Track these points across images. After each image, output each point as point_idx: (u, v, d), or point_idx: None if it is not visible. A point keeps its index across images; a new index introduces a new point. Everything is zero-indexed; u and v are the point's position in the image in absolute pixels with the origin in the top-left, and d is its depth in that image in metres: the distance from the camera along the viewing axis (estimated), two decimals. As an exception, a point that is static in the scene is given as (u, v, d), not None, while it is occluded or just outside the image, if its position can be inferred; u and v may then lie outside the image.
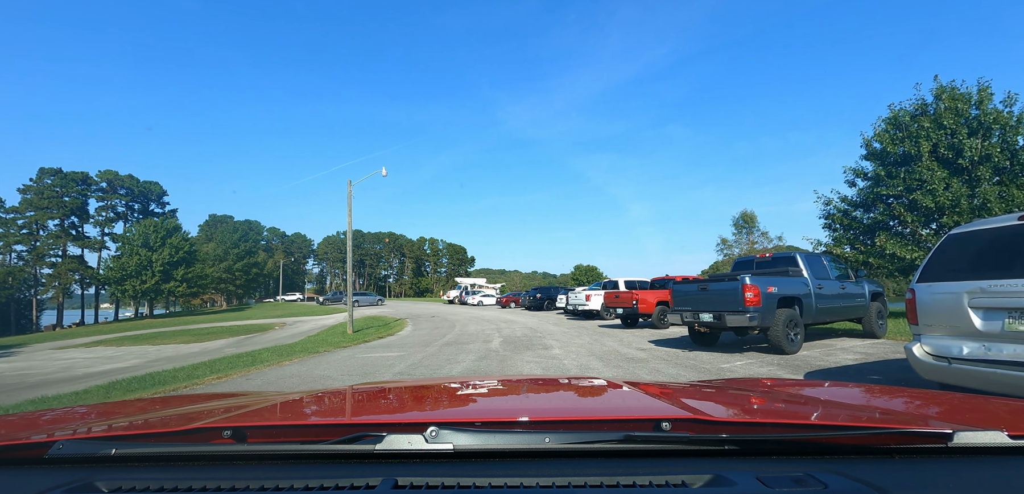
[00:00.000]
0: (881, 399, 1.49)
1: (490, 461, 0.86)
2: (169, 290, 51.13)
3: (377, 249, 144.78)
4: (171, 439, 0.96)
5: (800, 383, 1.90)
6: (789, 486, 0.74)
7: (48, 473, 0.88)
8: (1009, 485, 0.77)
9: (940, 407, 1.29)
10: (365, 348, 13.32)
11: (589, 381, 1.75)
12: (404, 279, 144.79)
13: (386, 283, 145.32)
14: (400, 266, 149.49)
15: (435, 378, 6.99)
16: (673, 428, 0.88)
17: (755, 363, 7.82)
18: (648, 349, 10.11)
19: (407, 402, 1.54)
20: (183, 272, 51.85)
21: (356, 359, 10.23)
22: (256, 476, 0.81)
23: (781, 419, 1.08)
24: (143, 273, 49.37)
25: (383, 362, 9.56)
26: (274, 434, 1.02)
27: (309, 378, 8.08)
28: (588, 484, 0.76)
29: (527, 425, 0.99)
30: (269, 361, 9.93)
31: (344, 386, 2.08)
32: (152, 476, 0.84)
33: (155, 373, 8.93)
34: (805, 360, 7.80)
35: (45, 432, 1.07)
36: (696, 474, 0.79)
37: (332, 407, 1.43)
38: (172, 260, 51.09)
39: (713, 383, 1.87)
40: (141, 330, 29.75)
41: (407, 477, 0.79)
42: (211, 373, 8.51)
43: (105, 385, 8.05)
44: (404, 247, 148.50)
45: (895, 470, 0.80)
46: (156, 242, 50.93)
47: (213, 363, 10.15)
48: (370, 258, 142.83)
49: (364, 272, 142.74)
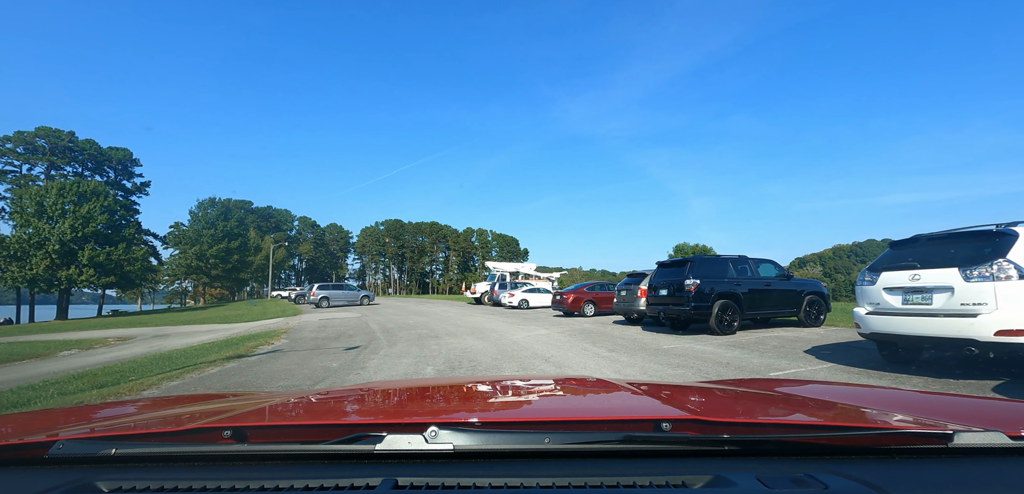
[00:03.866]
0: (881, 400, 1.47)
1: (490, 461, 0.86)
2: (69, 277, 35.11)
3: (420, 241, 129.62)
4: (171, 439, 0.96)
5: (800, 383, 1.90)
6: (789, 486, 0.74)
7: (48, 473, 0.87)
8: (1009, 485, 0.77)
9: (940, 408, 1.30)
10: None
11: (589, 381, 1.78)
12: (449, 274, 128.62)
13: (431, 279, 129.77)
14: (445, 260, 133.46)
15: (435, 378, 6.23)
16: (673, 428, 0.88)
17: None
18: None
19: (407, 402, 1.55)
20: (91, 253, 35.78)
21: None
22: (256, 476, 0.81)
23: (781, 420, 1.11)
24: (34, 253, 33.76)
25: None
26: (274, 434, 1.02)
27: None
28: (588, 484, 0.76)
29: (527, 425, 1.02)
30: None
31: (344, 386, 2.07)
32: (152, 476, 0.83)
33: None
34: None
35: (45, 432, 1.06)
36: (696, 474, 0.79)
37: (332, 407, 1.42)
38: (77, 236, 35.14)
39: (713, 383, 1.84)
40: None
41: (407, 477, 0.79)
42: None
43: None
44: (449, 238, 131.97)
45: (895, 470, 0.80)
46: (55, 210, 35.24)
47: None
48: (411, 251, 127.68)
49: (405, 266, 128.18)
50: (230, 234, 53.15)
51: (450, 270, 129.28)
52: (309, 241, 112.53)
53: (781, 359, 7.37)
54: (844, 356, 7.28)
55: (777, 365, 6.91)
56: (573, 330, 12.92)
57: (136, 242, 40.44)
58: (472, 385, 1.75)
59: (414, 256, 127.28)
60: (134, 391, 6.05)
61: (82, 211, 36.34)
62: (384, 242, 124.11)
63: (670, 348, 8.75)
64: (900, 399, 1.54)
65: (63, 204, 35.73)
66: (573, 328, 13.51)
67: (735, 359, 7.50)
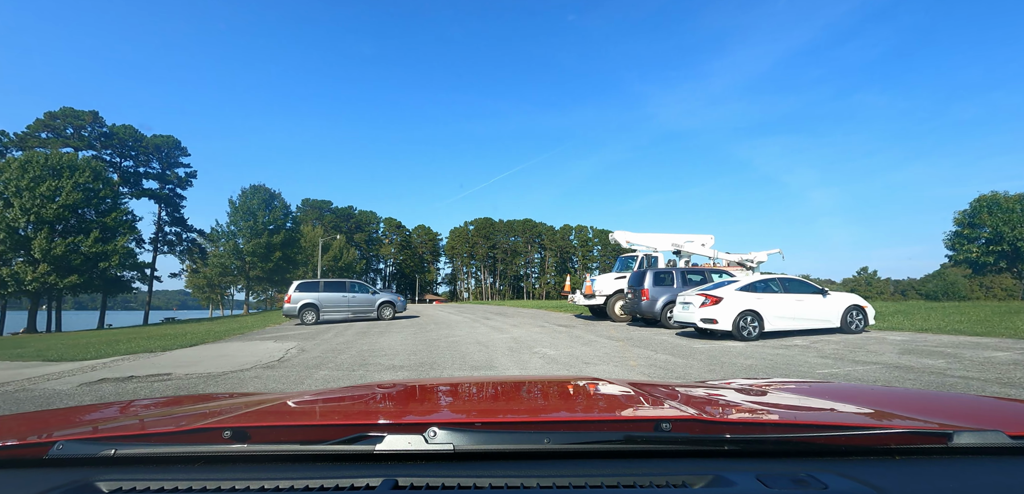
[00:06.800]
0: (881, 400, 1.46)
1: (490, 461, 0.85)
2: (16, 276, 24.93)
3: (512, 241, 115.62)
4: (171, 439, 0.96)
5: (800, 384, 1.84)
6: (789, 486, 0.74)
7: (48, 473, 0.86)
8: (1008, 485, 0.77)
9: (939, 407, 1.29)
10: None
11: (589, 381, 1.75)
12: (545, 276, 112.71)
13: (525, 282, 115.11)
14: (541, 261, 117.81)
15: (435, 378, 5.85)
16: (674, 428, 0.88)
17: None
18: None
19: (407, 402, 1.53)
20: (44, 244, 25.43)
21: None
22: (256, 476, 0.80)
23: (781, 419, 1.10)
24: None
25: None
26: (274, 434, 1.01)
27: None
28: (588, 484, 0.75)
29: (527, 425, 1.00)
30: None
31: (344, 387, 2.14)
32: (152, 476, 0.82)
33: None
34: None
35: (45, 432, 1.06)
36: (696, 475, 0.79)
37: (332, 408, 1.39)
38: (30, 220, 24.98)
39: (714, 383, 1.81)
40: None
41: (407, 477, 0.78)
42: None
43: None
44: (544, 237, 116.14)
45: (895, 470, 0.80)
46: (9, 188, 25.57)
47: None
48: (503, 253, 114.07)
49: (496, 269, 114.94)
50: (273, 227, 42.25)
51: (546, 272, 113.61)
52: (394, 243, 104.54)
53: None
54: None
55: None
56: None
57: (121, 231, 29.89)
58: (472, 385, 1.72)
59: (507, 258, 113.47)
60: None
61: (41, 189, 26.04)
62: (473, 242, 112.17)
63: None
64: (900, 399, 1.54)
65: (27, 181, 25.93)
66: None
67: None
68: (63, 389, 6.00)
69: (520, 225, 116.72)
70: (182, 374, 6.95)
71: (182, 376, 6.80)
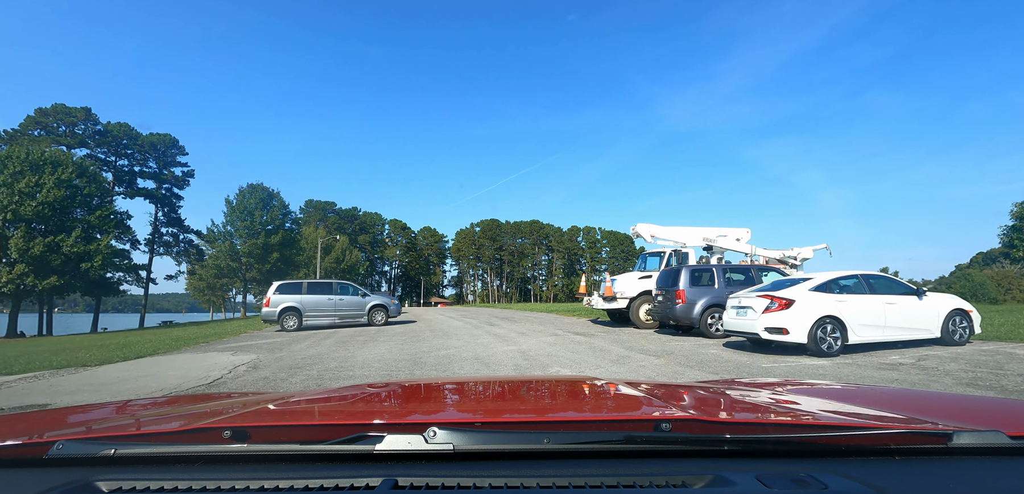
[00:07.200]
0: (881, 400, 1.45)
1: (490, 461, 0.85)
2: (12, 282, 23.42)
3: (519, 243, 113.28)
4: (171, 439, 0.96)
5: (801, 384, 1.82)
6: (789, 487, 0.74)
7: (48, 473, 0.86)
8: (1008, 485, 0.77)
9: (939, 408, 1.29)
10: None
11: (589, 381, 1.75)
12: (552, 279, 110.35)
13: (533, 284, 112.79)
14: (548, 263, 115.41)
15: (435, 378, 5.50)
16: (673, 428, 0.88)
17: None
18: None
19: (407, 402, 1.53)
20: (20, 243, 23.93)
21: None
22: (256, 476, 0.81)
23: (781, 419, 1.10)
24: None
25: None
26: (274, 434, 1.01)
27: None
28: (588, 484, 0.76)
29: (527, 425, 1.00)
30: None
31: (344, 387, 2.11)
32: (152, 476, 0.83)
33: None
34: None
35: (44, 432, 1.06)
36: (696, 475, 0.79)
37: (332, 408, 1.39)
38: (8, 218, 23.46)
39: (714, 383, 1.83)
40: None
41: (407, 477, 0.78)
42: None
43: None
44: (552, 238, 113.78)
45: (895, 470, 0.80)
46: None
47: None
48: (510, 255, 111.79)
49: (503, 271, 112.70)
50: (271, 228, 40.52)
51: (554, 274, 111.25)
52: (399, 245, 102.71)
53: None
54: None
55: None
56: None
57: (106, 229, 28.19)
58: (472, 385, 1.73)
59: (513, 260, 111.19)
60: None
61: (20, 185, 24.43)
62: (480, 244, 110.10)
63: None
64: (900, 399, 1.53)
65: (5, 176, 24.34)
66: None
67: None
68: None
69: (527, 226, 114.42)
70: (65, 404, 4.97)
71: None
